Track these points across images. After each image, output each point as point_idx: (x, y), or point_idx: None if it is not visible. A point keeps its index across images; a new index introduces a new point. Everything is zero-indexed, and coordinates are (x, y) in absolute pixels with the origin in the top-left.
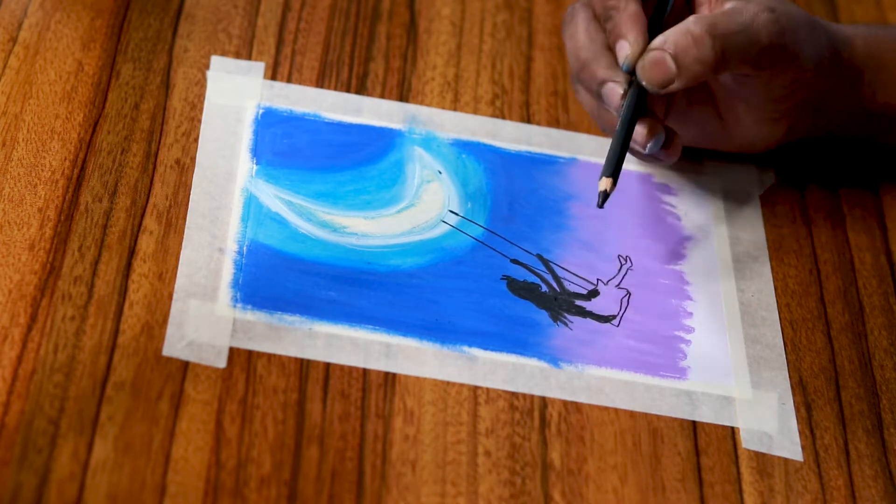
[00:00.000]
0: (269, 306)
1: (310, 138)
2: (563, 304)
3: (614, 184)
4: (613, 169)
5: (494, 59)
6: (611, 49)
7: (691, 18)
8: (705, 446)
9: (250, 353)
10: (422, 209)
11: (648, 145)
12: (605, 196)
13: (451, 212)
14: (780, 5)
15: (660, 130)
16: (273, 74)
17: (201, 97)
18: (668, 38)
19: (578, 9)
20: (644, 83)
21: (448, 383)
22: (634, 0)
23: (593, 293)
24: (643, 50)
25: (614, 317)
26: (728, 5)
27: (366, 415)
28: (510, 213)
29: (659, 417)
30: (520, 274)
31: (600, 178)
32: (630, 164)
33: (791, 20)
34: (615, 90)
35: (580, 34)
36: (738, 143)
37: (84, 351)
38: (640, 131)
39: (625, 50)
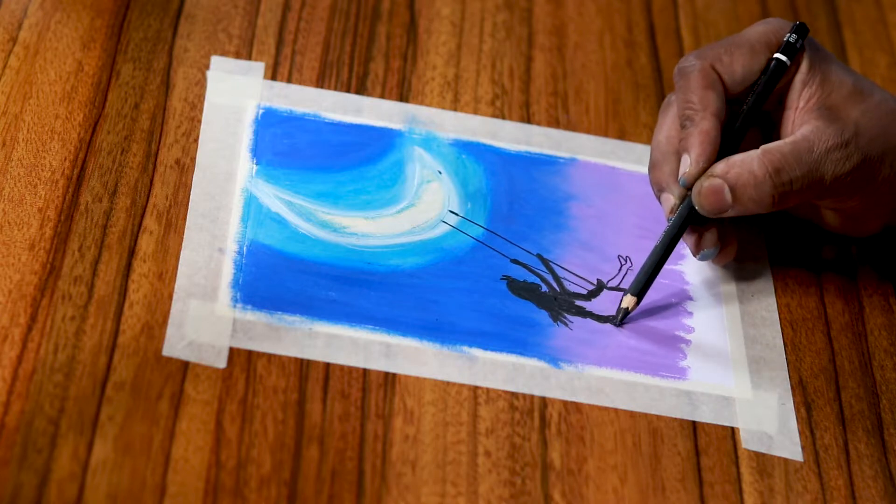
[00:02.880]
0: (269, 306)
1: (310, 138)
2: (563, 304)
3: (637, 303)
4: (640, 289)
5: (494, 59)
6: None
7: (759, 152)
8: (705, 446)
9: (250, 353)
10: (422, 209)
11: (698, 256)
12: (625, 313)
13: (451, 212)
14: (862, 126)
15: (710, 246)
16: (273, 74)
17: (201, 97)
18: (730, 169)
19: (673, 102)
20: (696, 207)
21: (448, 383)
22: (711, 115)
23: (594, 293)
24: (702, 171)
25: (614, 317)
26: (807, 127)
27: (366, 415)
28: (510, 213)
29: (659, 417)
30: (520, 274)
31: (625, 294)
32: (629, 164)
33: (867, 147)
34: (669, 201)
35: (662, 131)
36: (833, 229)
37: (84, 351)
38: (690, 241)
39: (685, 166)
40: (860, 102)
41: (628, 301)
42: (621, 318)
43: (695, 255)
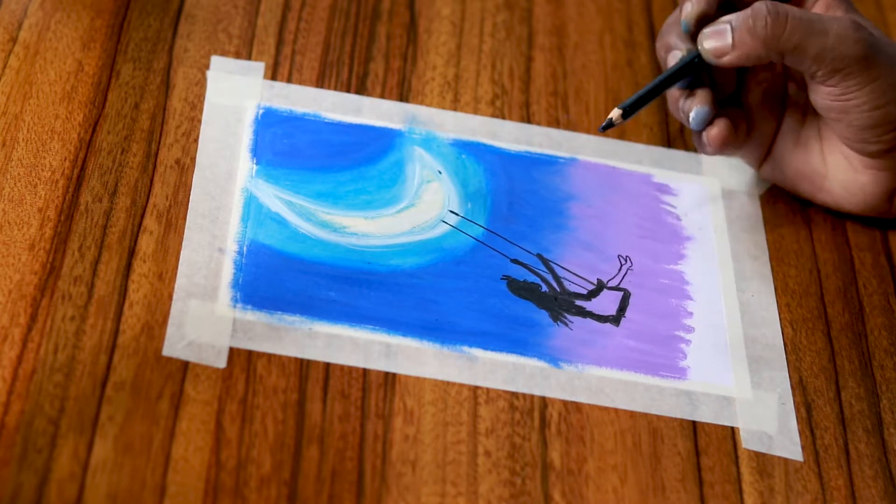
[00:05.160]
0: (269, 306)
1: (310, 138)
2: (563, 304)
3: (623, 119)
4: (630, 104)
5: (494, 59)
6: None
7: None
8: (705, 446)
9: (250, 353)
10: (422, 209)
11: (691, 114)
12: (609, 123)
13: (452, 212)
14: (878, 33)
15: (704, 104)
16: (273, 74)
17: (201, 97)
18: (736, 14)
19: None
20: (700, 49)
21: (448, 383)
22: None
23: (594, 293)
24: (702, 11)
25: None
26: (819, 5)
27: (366, 415)
28: (510, 213)
29: (659, 417)
30: (520, 274)
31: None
32: (629, 164)
33: (878, 42)
34: (676, 56)
35: (675, 13)
36: (837, 193)
37: (84, 351)
38: (685, 99)
39: (686, 9)
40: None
41: (615, 112)
42: (605, 127)
43: (687, 116)
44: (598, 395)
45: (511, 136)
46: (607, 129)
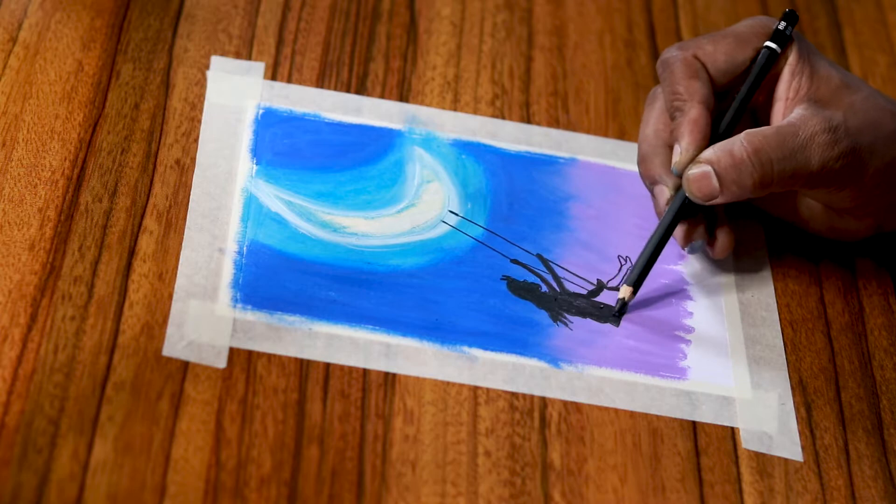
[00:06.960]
0: (269, 306)
1: (310, 138)
2: (563, 304)
3: (634, 293)
4: (636, 279)
5: (494, 59)
6: (671, 147)
7: (742, 134)
8: (705, 446)
9: (250, 353)
10: (422, 209)
11: (686, 249)
12: (622, 304)
13: (451, 212)
14: (851, 116)
15: (697, 238)
16: (273, 74)
17: (201, 97)
18: (716, 153)
19: (658, 95)
20: (687, 194)
21: (448, 383)
22: (699, 103)
23: (594, 293)
24: (692, 159)
25: (614, 313)
26: (794, 114)
27: (366, 415)
28: (510, 213)
29: (659, 417)
30: (520, 274)
31: (622, 284)
32: (629, 164)
33: (855, 136)
34: (663, 193)
35: (650, 125)
36: (827, 232)
37: (84, 351)
38: (679, 232)
39: (676, 155)
40: (849, 96)
41: (625, 292)
42: (619, 309)
43: (683, 248)
44: (598, 395)
45: (511, 136)
46: (622, 311)
